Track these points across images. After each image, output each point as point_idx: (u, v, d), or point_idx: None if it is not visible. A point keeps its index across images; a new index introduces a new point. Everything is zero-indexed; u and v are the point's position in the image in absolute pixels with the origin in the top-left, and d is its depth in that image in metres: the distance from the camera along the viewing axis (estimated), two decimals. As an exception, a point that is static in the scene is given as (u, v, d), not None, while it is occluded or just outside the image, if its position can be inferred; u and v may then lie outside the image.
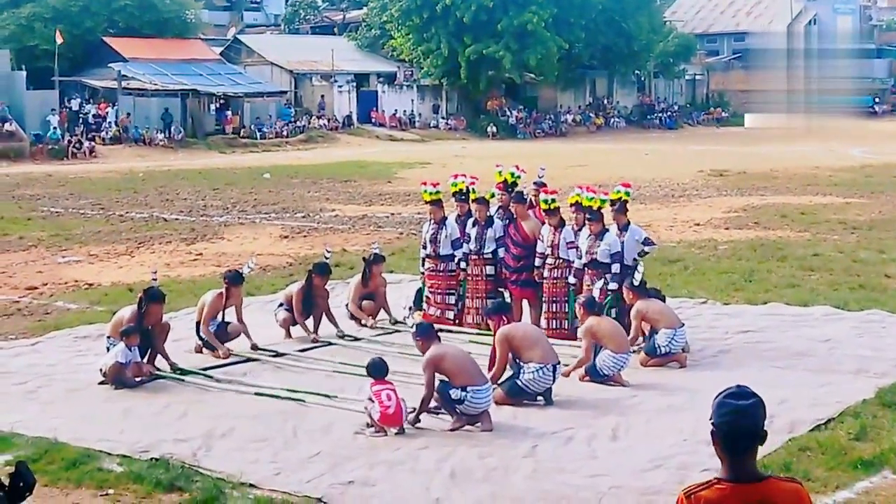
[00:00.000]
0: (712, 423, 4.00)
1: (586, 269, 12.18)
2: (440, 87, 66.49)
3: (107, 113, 52.78)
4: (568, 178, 34.06)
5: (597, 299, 11.27)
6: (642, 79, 76.88)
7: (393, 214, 25.50)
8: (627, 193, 12.91)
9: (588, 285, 12.06)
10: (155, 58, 57.46)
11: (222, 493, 7.68)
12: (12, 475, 4.40)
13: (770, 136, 53.58)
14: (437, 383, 9.19)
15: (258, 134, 55.69)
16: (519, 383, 9.78)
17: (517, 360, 9.83)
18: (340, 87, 63.49)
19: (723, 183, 32.30)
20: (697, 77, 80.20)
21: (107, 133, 51.34)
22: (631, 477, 7.92)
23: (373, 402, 9.01)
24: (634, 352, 11.09)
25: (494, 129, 63.61)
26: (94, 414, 9.72)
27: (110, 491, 7.80)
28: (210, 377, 10.96)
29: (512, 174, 13.56)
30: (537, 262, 12.62)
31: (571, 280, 12.33)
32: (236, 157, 48.94)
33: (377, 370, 9.32)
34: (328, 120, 61.11)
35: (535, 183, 13.85)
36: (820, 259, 17.62)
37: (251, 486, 7.85)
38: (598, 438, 8.87)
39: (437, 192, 13.38)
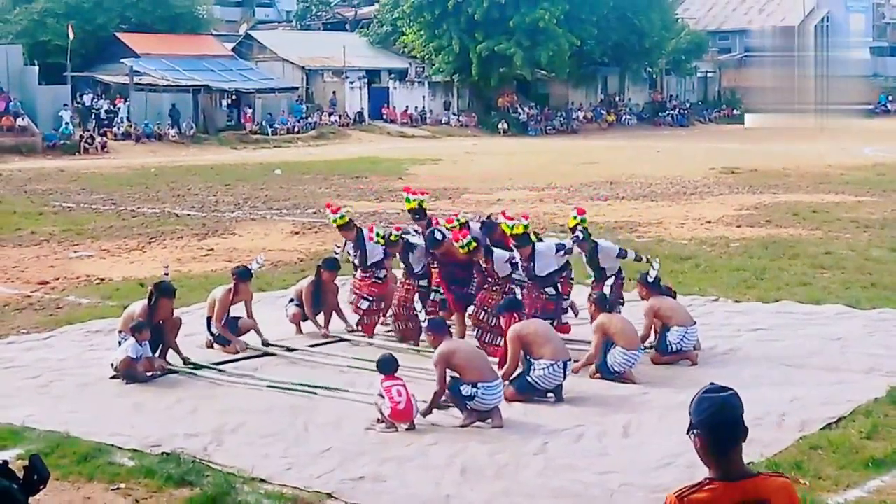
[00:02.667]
0: (694, 425, 3.96)
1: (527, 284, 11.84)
2: (451, 84, 66.49)
3: (118, 108, 52.91)
4: (579, 176, 34.15)
5: (607, 296, 11.24)
6: (654, 76, 76.74)
7: (404, 211, 25.42)
8: (584, 220, 12.34)
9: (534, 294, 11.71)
10: (167, 53, 57.56)
11: (233, 487, 7.69)
12: (26, 468, 4.42)
13: (781, 134, 53.43)
14: (448, 379, 9.20)
15: (269, 130, 55.76)
16: (530, 380, 9.78)
17: (528, 357, 9.83)
18: (352, 83, 63.53)
19: (734, 180, 32.23)
20: (709, 74, 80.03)
21: (118, 128, 51.47)
22: (641, 474, 7.91)
23: (383, 397, 9.02)
24: (646, 349, 11.08)
25: (506, 125, 63.60)
26: (106, 408, 9.74)
27: (122, 485, 7.82)
28: (223, 371, 11.00)
29: (420, 202, 12.99)
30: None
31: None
32: (248, 152, 49.00)
33: (387, 366, 9.33)
34: (339, 116, 61.15)
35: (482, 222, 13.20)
36: (832, 257, 17.57)
37: (262, 480, 7.86)
38: (609, 435, 8.87)
39: (343, 217, 12.72)
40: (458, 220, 12.47)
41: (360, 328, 12.65)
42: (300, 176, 35.35)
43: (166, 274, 11.87)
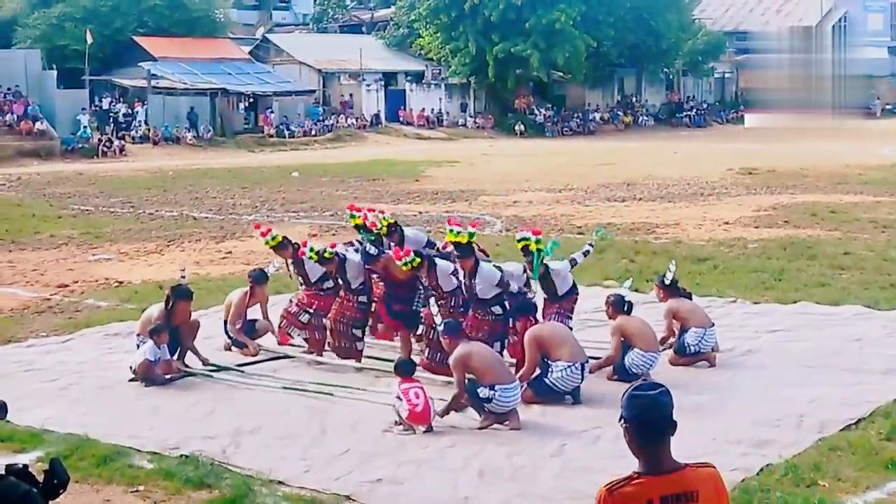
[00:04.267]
0: (624, 419, 4.07)
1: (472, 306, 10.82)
2: (468, 86, 66.47)
3: (136, 112, 53.10)
4: (595, 177, 34.10)
5: (625, 299, 11.19)
6: (671, 77, 76.51)
7: (421, 213, 25.50)
8: (542, 241, 11.30)
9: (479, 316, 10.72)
10: (184, 57, 57.75)
11: (251, 490, 7.71)
12: (46, 472, 4.44)
13: (795, 134, 53.23)
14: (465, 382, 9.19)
15: (286, 133, 55.87)
16: (547, 382, 9.77)
17: (545, 359, 9.82)
18: (368, 85, 63.58)
19: (752, 181, 32.13)
20: (726, 75, 79.77)
21: (136, 132, 51.66)
22: (659, 476, 7.88)
23: (401, 400, 9.03)
24: (664, 351, 11.06)
25: (522, 127, 63.54)
26: (125, 411, 9.79)
27: (140, 487, 7.85)
28: (242, 371, 11.04)
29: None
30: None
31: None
32: (265, 155, 49.10)
33: (405, 369, 9.34)
34: (356, 119, 61.23)
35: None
36: (850, 258, 17.49)
37: (280, 483, 7.88)
38: (627, 437, 8.84)
39: (276, 238, 12.06)
40: (383, 218, 11.77)
41: (306, 343, 11.94)
42: (317, 179, 35.40)
43: (183, 277, 11.91)
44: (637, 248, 18.72)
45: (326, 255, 11.44)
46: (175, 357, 11.05)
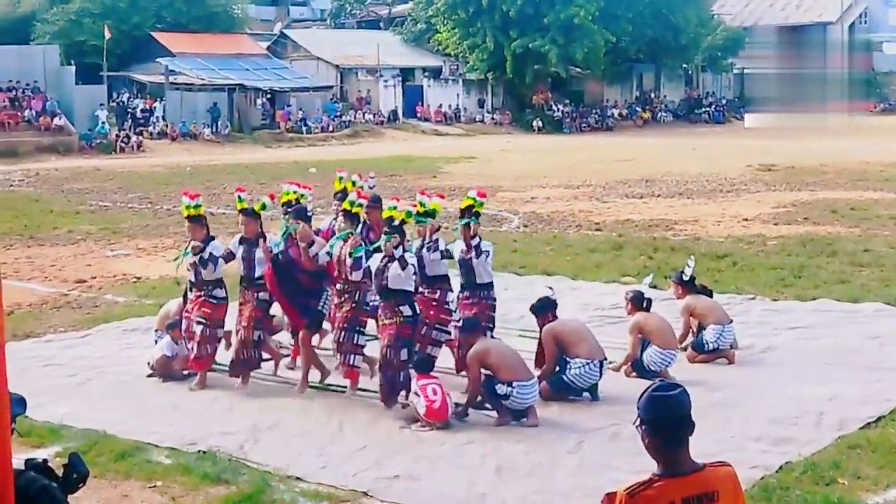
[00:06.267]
0: (643, 421, 4.03)
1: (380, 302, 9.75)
2: (486, 82, 66.44)
3: (154, 108, 53.26)
4: (614, 173, 34.01)
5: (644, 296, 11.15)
6: (690, 72, 76.28)
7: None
8: (482, 204, 10.50)
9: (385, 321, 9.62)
10: (202, 53, 57.88)
11: (269, 485, 7.71)
12: (65, 466, 4.45)
13: (819, 131, 52.97)
14: (482, 378, 9.18)
15: (304, 129, 55.94)
16: (565, 378, 9.74)
17: (564, 356, 9.79)
18: (386, 81, 63.60)
19: (771, 178, 32.00)
20: (745, 71, 79.43)
21: (154, 127, 51.81)
22: (678, 474, 7.85)
23: (418, 396, 9.02)
24: (682, 348, 11.01)
25: (540, 123, 63.47)
26: (143, 407, 9.81)
27: (158, 483, 7.86)
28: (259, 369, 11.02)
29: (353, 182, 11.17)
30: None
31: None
32: (282, 151, 49.18)
33: (423, 365, 9.32)
34: (374, 115, 61.25)
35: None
36: (870, 255, 17.41)
37: (297, 479, 7.88)
38: (645, 435, 8.81)
39: (199, 207, 11.19)
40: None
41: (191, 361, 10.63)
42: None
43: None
44: (655, 245, 18.66)
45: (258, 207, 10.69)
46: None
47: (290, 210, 11.01)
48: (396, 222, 9.69)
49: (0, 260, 18.12)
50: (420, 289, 10.05)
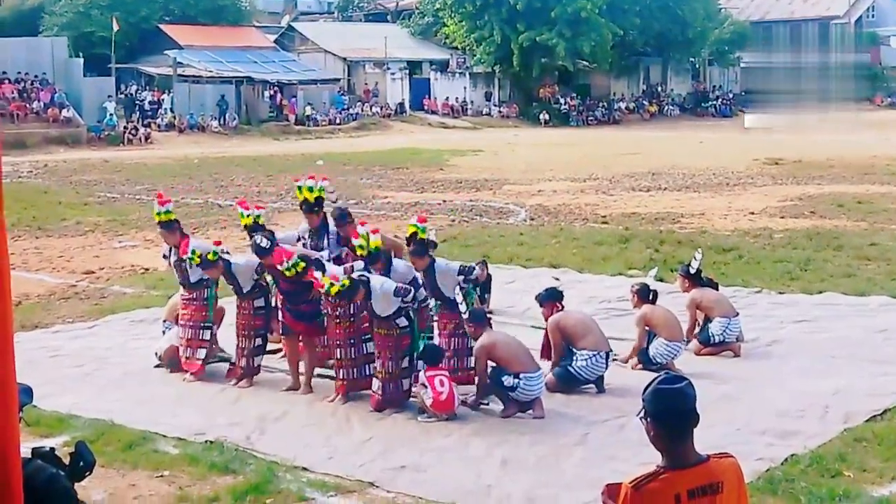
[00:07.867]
0: (648, 413, 4.05)
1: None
2: (493, 75, 66.43)
3: (162, 100, 53.32)
4: (620, 167, 34.00)
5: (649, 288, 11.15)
6: (697, 66, 76.23)
7: (445, 201, 25.49)
8: (423, 230, 10.00)
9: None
10: (210, 45, 57.95)
11: (275, 475, 7.74)
12: (72, 455, 4.48)
13: (826, 126, 52.87)
14: (489, 370, 9.20)
15: (311, 121, 55.96)
16: (571, 370, 9.76)
17: (570, 347, 9.81)
18: (393, 74, 63.60)
19: (778, 171, 31.97)
20: (750, 65, 79.28)
21: (162, 120, 51.88)
22: (683, 465, 7.86)
23: (426, 387, 9.04)
24: (688, 341, 11.02)
25: (547, 116, 63.46)
26: (150, 397, 9.84)
27: (166, 472, 7.89)
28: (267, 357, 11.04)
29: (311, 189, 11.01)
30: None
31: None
32: (290, 144, 49.21)
33: (431, 356, 9.33)
34: (381, 107, 61.26)
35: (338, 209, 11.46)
36: (877, 248, 17.39)
37: (304, 469, 7.91)
38: (651, 427, 8.82)
39: (169, 213, 10.84)
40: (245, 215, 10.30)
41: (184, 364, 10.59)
42: (342, 167, 35.41)
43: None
44: (662, 238, 18.66)
45: (210, 257, 10.21)
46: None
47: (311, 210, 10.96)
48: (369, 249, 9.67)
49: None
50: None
